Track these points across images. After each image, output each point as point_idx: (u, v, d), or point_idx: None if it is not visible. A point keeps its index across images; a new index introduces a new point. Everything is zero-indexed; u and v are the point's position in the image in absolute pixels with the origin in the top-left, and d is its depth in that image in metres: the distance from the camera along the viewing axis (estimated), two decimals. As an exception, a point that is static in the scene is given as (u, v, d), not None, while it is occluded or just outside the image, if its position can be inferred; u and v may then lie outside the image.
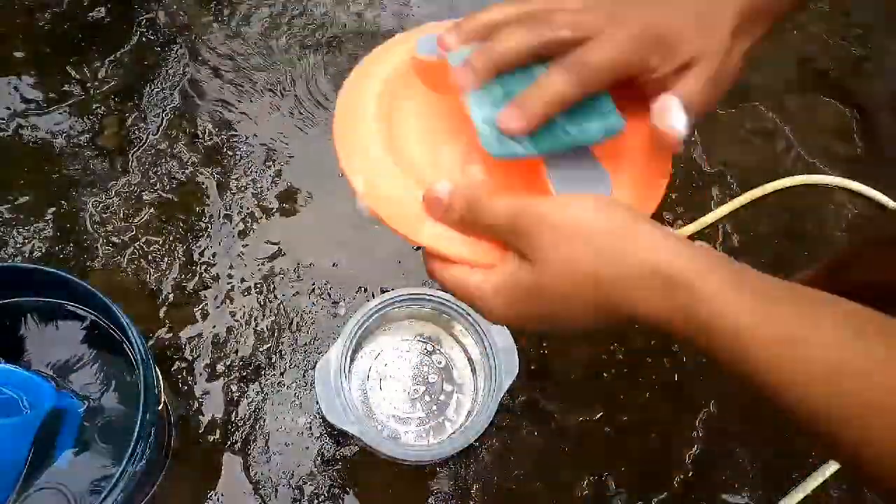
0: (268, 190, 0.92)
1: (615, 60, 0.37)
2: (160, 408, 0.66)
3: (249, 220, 0.90)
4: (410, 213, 0.39)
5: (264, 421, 0.81)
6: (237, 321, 0.85)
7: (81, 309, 0.70)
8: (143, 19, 1.01)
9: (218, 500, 0.77)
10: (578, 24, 0.37)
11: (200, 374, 0.82)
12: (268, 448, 0.80)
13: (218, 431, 0.80)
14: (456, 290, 0.39)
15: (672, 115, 0.38)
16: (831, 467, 0.83)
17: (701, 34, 0.38)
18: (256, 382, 0.82)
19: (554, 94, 0.37)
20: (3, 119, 0.92)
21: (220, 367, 0.83)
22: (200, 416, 0.80)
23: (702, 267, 0.32)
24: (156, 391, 0.64)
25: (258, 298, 0.86)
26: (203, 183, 0.92)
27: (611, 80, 0.38)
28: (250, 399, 0.82)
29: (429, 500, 0.79)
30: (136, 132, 0.94)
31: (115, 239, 0.87)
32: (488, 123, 0.38)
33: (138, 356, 0.62)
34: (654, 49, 0.37)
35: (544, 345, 0.87)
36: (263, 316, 0.85)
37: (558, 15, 0.38)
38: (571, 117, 0.39)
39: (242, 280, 0.87)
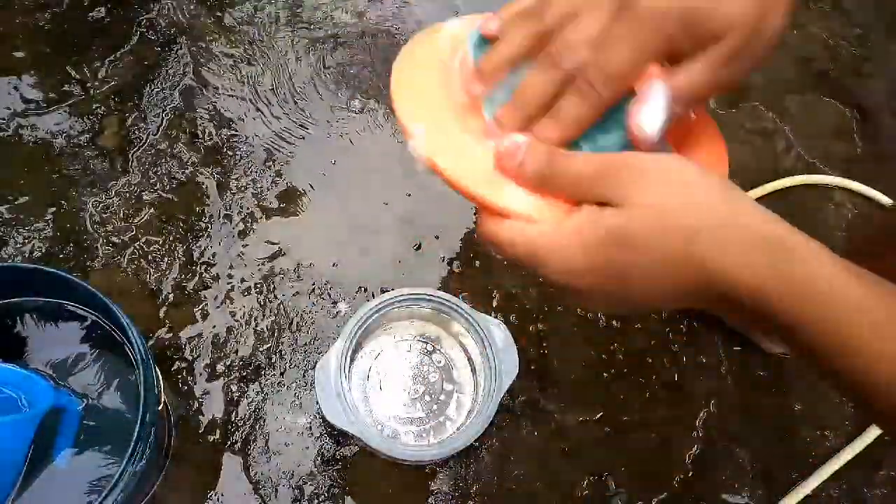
0: (268, 190, 0.92)
1: (634, 63, 0.35)
2: (160, 408, 0.66)
3: (249, 220, 0.90)
4: (476, 166, 0.38)
5: (264, 421, 0.81)
6: (237, 321, 0.85)
7: (81, 309, 0.70)
8: (143, 19, 1.01)
9: (218, 500, 0.77)
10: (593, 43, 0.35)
11: (200, 374, 0.82)
12: (268, 448, 0.80)
13: (218, 431, 0.80)
14: (518, 246, 0.35)
15: (643, 111, 0.35)
16: (831, 467, 0.83)
17: (734, 1, 0.33)
18: (256, 382, 0.82)
19: (571, 123, 0.36)
20: (3, 119, 0.92)
21: (220, 367, 0.83)
22: (200, 416, 0.80)
23: (799, 234, 0.31)
24: (156, 391, 0.64)
25: (258, 298, 0.86)
26: (203, 183, 0.92)
27: (632, 82, 0.36)
28: (250, 399, 0.82)
29: (429, 500, 0.79)
30: (136, 132, 0.94)
31: (115, 239, 0.87)
32: None
33: (138, 356, 0.62)
34: (679, 31, 0.34)
35: (544, 345, 0.87)
36: (263, 316, 0.85)
37: (572, 38, 0.35)
38: (587, 134, 0.38)
39: (242, 280, 0.87)
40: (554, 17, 0.37)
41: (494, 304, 0.88)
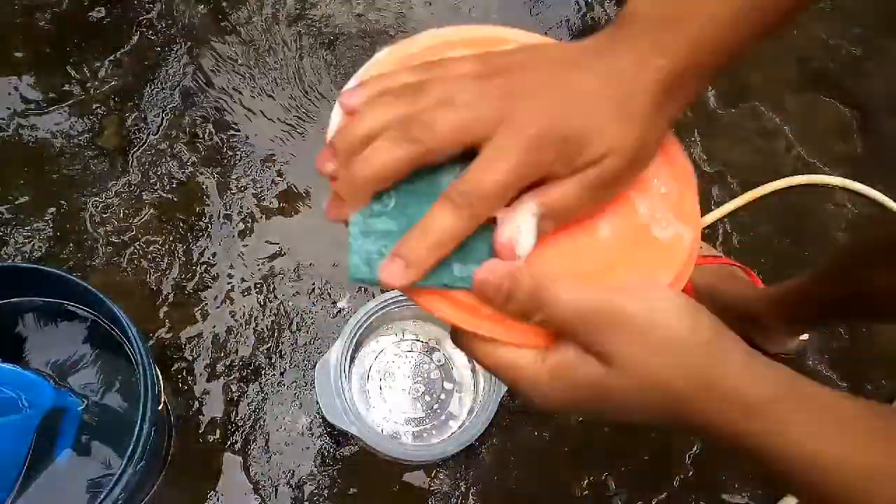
0: (268, 190, 0.92)
1: (508, 181, 0.32)
2: (160, 408, 0.66)
3: (249, 220, 0.90)
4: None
5: (264, 421, 0.81)
6: (237, 321, 0.85)
7: (81, 309, 0.70)
8: (143, 19, 1.01)
9: (218, 499, 0.77)
10: (465, 129, 0.32)
11: (200, 374, 0.82)
12: (268, 448, 0.80)
13: (218, 431, 0.80)
14: (498, 369, 0.34)
15: (511, 229, 0.33)
16: (831, 467, 0.83)
17: (614, 126, 0.32)
18: (256, 382, 0.82)
19: (442, 238, 0.32)
20: (3, 119, 0.92)
21: (220, 367, 0.83)
22: (200, 416, 0.80)
23: (781, 392, 0.32)
24: (156, 391, 0.64)
25: (258, 298, 0.86)
26: (203, 183, 0.92)
27: (507, 199, 0.33)
28: (250, 399, 0.82)
29: (429, 501, 0.79)
30: (136, 132, 0.94)
31: (115, 239, 0.87)
32: (364, 260, 0.32)
33: (138, 356, 0.62)
34: (557, 153, 0.32)
35: (544, 345, 0.87)
36: (263, 316, 0.85)
37: (440, 117, 0.32)
38: (461, 254, 0.33)
39: (242, 280, 0.87)
40: (425, 107, 0.33)
41: (494, 304, 0.88)
